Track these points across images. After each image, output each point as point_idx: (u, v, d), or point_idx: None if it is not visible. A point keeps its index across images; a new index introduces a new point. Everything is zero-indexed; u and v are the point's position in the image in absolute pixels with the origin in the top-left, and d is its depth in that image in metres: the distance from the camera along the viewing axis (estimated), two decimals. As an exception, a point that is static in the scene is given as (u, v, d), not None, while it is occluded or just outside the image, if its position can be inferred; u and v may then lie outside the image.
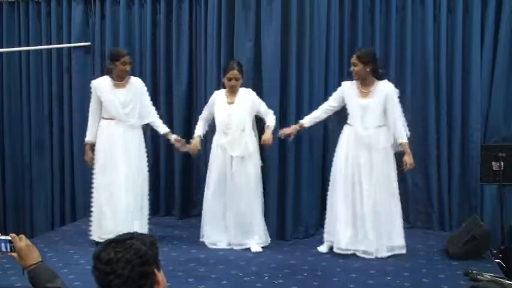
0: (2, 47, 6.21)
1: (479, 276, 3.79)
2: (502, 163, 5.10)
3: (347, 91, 4.55)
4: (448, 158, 5.25)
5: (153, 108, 4.98)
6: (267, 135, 4.63)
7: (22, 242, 2.06)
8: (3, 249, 2.10)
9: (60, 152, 6.14)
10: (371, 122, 4.43)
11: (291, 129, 4.68)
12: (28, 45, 6.14)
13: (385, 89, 4.46)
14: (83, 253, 4.50)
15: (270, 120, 4.70)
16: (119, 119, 4.73)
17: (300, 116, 5.02)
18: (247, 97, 4.71)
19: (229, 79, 4.65)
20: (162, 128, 4.97)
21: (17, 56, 6.23)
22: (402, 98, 5.25)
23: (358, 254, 4.40)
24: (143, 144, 4.91)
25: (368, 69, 4.41)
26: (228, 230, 4.70)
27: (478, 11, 5.14)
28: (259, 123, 4.83)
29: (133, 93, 4.80)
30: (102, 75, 5.89)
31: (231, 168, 4.64)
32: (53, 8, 6.03)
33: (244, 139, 4.64)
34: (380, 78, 4.51)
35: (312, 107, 5.06)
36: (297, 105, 5.03)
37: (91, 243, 4.74)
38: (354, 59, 4.46)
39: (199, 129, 4.87)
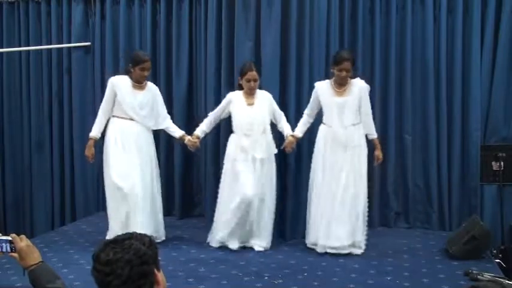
0: (2, 47, 6.21)
1: (479, 276, 3.79)
2: (502, 163, 5.10)
3: (321, 91, 4.60)
4: (448, 158, 5.25)
5: (168, 115, 4.99)
6: (293, 141, 4.65)
7: (23, 242, 2.06)
8: (4, 249, 2.10)
9: (60, 152, 6.14)
10: (348, 120, 4.49)
11: (291, 143, 4.67)
12: (28, 45, 6.14)
13: (359, 87, 4.54)
14: (83, 253, 4.50)
15: (288, 128, 4.72)
16: (136, 120, 4.70)
17: (299, 116, 5.02)
18: (265, 99, 4.72)
19: (248, 80, 4.62)
20: (178, 132, 4.95)
21: (17, 56, 6.23)
22: (402, 98, 5.29)
23: (329, 250, 4.47)
24: (154, 149, 4.93)
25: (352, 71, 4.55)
26: (243, 231, 4.65)
27: (478, 11, 5.14)
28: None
29: (151, 98, 4.80)
30: (102, 75, 5.92)
31: (253, 170, 4.58)
32: (53, 8, 6.03)
33: (265, 140, 4.64)
34: (352, 77, 4.59)
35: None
36: (296, 105, 5.03)
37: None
38: (349, 66, 4.46)
39: (202, 129, 4.85)
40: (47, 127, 6.17)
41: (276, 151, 4.73)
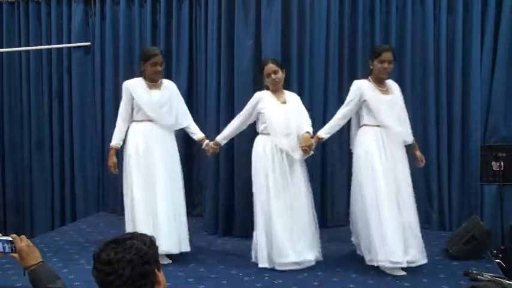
0: (2, 47, 6.21)
1: (479, 276, 3.79)
2: (502, 163, 5.09)
3: (365, 89, 4.19)
4: (448, 158, 5.25)
5: (189, 112, 4.69)
6: (308, 139, 4.23)
7: (23, 242, 2.07)
8: (5, 249, 2.10)
9: (60, 151, 6.14)
10: (400, 118, 4.22)
11: (307, 140, 4.23)
12: (28, 45, 6.14)
13: (397, 88, 4.33)
14: (83, 253, 4.50)
15: (307, 125, 4.33)
16: (157, 119, 4.35)
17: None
18: (295, 98, 4.44)
19: (268, 75, 4.27)
20: (198, 135, 4.64)
21: (17, 56, 6.23)
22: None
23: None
24: (177, 152, 4.60)
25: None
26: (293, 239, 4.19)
27: (478, 11, 5.14)
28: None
29: (169, 96, 4.47)
30: (102, 75, 5.92)
31: (290, 172, 4.22)
32: (53, 8, 6.03)
33: (298, 140, 4.25)
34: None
35: (312, 107, 5.07)
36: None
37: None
38: (391, 56, 4.16)
39: (224, 135, 4.51)
40: (47, 127, 6.17)
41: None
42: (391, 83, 4.34)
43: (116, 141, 4.38)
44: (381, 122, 4.14)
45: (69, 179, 6.12)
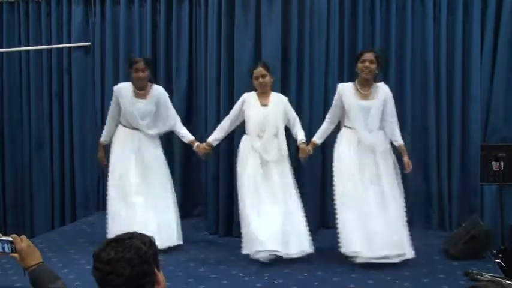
0: (2, 47, 6.21)
1: (479, 276, 3.80)
2: (502, 163, 5.09)
3: (345, 93, 4.40)
4: (448, 158, 5.25)
5: (178, 117, 4.91)
6: (305, 149, 4.46)
7: (23, 242, 2.07)
8: (5, 250, 2.10)
9: (60, 152, 6.15)
10: (374, 124, 4.34)
11: (304, 152, 4.47)
12: (28, 46, 6.15)
13: (384, 91, 4.41)
14: (83, 253, 4.50)
15: (301, 134, 4.53)
16: (138, 128, 4.70)
17: (299, 116, 5.01)
18: (280, 101, 4.60)
19: (256, 78, 4.52)
20: (187, 137, 4.87)
21: (17, 56, 6.24)
22: (402, 98, 5.28)
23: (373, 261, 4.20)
24: (162, 155, 4.85)
25: (377, 71, 4.38)
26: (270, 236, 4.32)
27: (478, 11, 5.15)
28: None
29: (155, 104, 4.73)
30: (101, 75, 5.92)
31: (266, 172, 4.45)
32: (53, 8, 6.04)
33: (277, 142, 4.48)
34: (377, 80, 4.48)
35: (312, 107, 5.08)
36: (297, 105, 5.02)
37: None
38: (372, 57, 4.32)
39: (215, 137, 4.70)
40: (47, 127, 6.18)
41: (287, 152, 4.54)
42: (379, 87, 4.40)
43: (104, 138, 4.84)
44: (352, 126, 4.36)
45: (69, 179, 6.12)
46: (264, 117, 4.49)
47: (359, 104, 4.34)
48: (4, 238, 2.10)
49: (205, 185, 5.53)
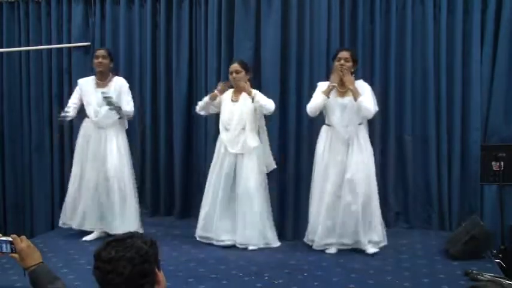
0: (2, 47, 6.20)
1: (479, 276, 3.79)
2: (502, 163, 5.09)
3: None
4: (448, 158, 5.25)
5: (131, 104, 5.02)
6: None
7: (23, 243, 2.06)
8: (4, 250, 2.10)
9: (60, 152, 6.13)
10: (350, 120, 4.48)
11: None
12: (28, 46, 6.14)
13: (360, 86, 4.51)
14: (83, 253, 4.50)
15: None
16: (95, 119, 4.90)
17: (300, 116, 5.03)
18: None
19: (231, 73, 4.70)
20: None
21: (17, 56, 6.23)
22: (402, 99, 5.29)
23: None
24: (123, 145, 5.01)
25: (353, 69, 4.53)
26: (228, 227, 4.73)
27: (478, 11, 5.14)
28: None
29: (113, 92, 4.90)
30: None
31: (230, 163, 4.68)
32: (53, 8, 6.03)
33: (243, 137, 4.64)
34: (356, 78, 4.59)
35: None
36: (296, 105, 5.04)
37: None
38: (347, 55, 4.50)
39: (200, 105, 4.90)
40: (46, 127, 6.17)
41: (253, 146, 4.67)
42: (358, 84, 4.49)
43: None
44: (330, 123, 4.56)
45: (69, 179, 6.10)
46: (231, 111, 4.69)
47: (336, 101, 4.52)
48: (4, 238, 2.10)
49: (204, 186, 5.51)
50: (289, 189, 5.06)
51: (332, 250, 4.53)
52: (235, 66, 4.70)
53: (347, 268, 4.18)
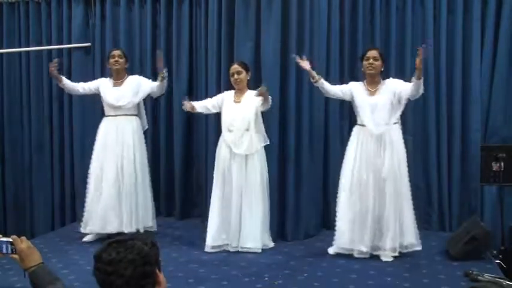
0: (2, 48, 6.20)
1: (479, 277, 3.79)
2: (502, 164, 5.09)
3: (356, 90, 4.56)
4: (448, 158, 5.25)
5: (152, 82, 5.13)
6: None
7: (23, 243, 2.06)
8: (5, 251, 2.10)
9: (60, 152, 6.14)
10: (381, 119, 4.43)
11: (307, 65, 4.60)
12: (28, 46, 6.14)
13: (390, 84, 4.50)
14: (83, 253, 4.50)
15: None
16: (114, 111, 4.99)
17: (299, 116, 5.02)
18: (254, 98, 4.70)
19: (232, 74, 4.72)
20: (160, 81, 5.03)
21: (17, 57, 6.23)
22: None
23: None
24: (142, 139, 5.12)
25: (382, 68, 4.50)
26: (224, 232, 4.68)
27: (478, 11, 5.14)
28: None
29: (130, 89, 5.02)
30: (102, 75, 5.91)
31: (234, 165, 4.63)
32: (53, 9, 6.03)
33: (248, 138, 4.62)
34: (385, 78, 4.58)
35: (312, 107, 5.08)
36: (296, 105, 5.03)
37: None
38: (376, 54, 4.46)
39: (200, 104, 4.88)
40: (47, 127, 6.17)
41: (259, 147, 4.66)
42: (386, 83, 4.50)
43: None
44: (361, 122, 4.51)
45: (69, 179, 6.11)
46: (234, 112, 4.68)
47: (367, 100, 4.49)
48: (4, 239, 2.10)
49: (205, 186, 5.53)
50: (289, 189, 5.05)
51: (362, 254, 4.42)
52: (235, 67, 4.72)
53: (347, 269, 4.17)
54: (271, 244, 4.78)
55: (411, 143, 5.26)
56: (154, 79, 5.79)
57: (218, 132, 5.20)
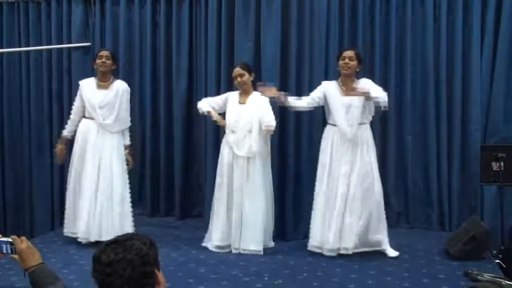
0: (2, 47, 6.20)
1: (479, 277, 3.79)
2: (502, 163, 5.08)
3: (328, 90, 4.57)
4: (448, 158, 5.25)
5: (129, 117, 5.01)
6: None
7: (23, 244, 2.06)
8: (5, 251, 2.09)
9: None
10: (355, 120, 4.46)
11: (274, 92, 4.53)
12: (28, 46, 6.14)
13: (363, 84, 4.50)
14: (82, 254, 4.50)
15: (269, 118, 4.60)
16: (96, 118, 4.82)
17: (299, 116, 5.02)
18: (258, 100, 4.67)
19: (235, 77, 4.71)
20: (126, 140, 5.00)
21: (17, 57, 6.23)
22: (402, 99, 5.29)
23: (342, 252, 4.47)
24: (120, 149, 4.91)
25: (357, 69, 4.53)
26: (231, 232, 4.64)
27: (478, 11, 5.15)
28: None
29: (114, 96, 4.88)
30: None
31: (236, 166, 4.62)
32: (53, 9, 6.03)
33: (250, 140, 4.60)
34: (359, 77, 4.59)
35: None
36: (296, 105, 5.03)
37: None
38: (351, 54, 4.48)
39: (207, 106, 4.79)
40: (47, 127, 6.17)
41: (260, 150, 4.61)
42: (359, 83, 4.51)
43: (66, 132, 5.02)
44: (334, 123, 4.53)
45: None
46: (238, 114, 4.67)
47: (341, 100, 4.51)
48: (4, 239, 2.10)
49: (204, 186, 5.53)
50: (289, 189, 5.05)
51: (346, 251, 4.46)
52: (237, 70, 4.70)
53: (347, 268, 4.18)
54: (271, 244, 4.77)
55: (410, 143, 5.28)
56: (154, 79, 5.83)
57: (218, 132, 5.22)
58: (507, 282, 3.56)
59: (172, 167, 5.82)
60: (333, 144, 4.53)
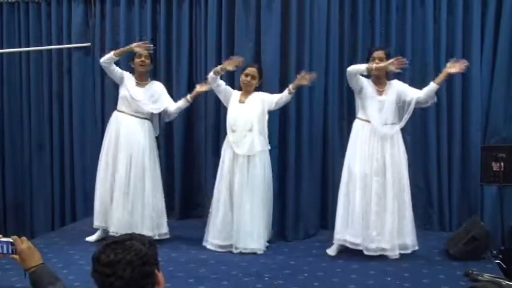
0: (2, 48, 6.21)
1: (479, 277, 3.79)
2: (502, 164, 5.09)
3: (366, 84, 4.48)
4: (448, 158, 5.25)
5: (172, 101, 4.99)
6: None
7: (24, 244, 2.06)
8: (5, 251, 2.10)
9: (60, 152, 6.14)
10: (387, 119, 4.43)
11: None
12: (28, 46, 6.15)
13: (396, 85, 4.50)
14: (83, 254, 4.50)
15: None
16: (129, 110, 4.82)
17: (299, 116, 5.02)
18: (258, 98, 4.71)
19: (246, 75, 4.69)
20: (184, 100, 4.93)
21: (17, 57, 6.23)
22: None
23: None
24: (152, 142, 4.93)
25: (387, 69, 4.43)
26: (232, 231, 4.64)
27: (478, 11, 5.15)
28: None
29: (151, 94, 4.89)
30: (102, 75, 5.93)
31: (236, 166, 4.62)
32: (53, 9, 6.04)
33: (250, 139, 4.61)
34: (389, 78, 4.56)
35: (312, 107, 5.08)
36: (296, 105, 5.03)
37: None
38: (381, 54, 4.44)
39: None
40: (47, 127, 6.17)
41: (260, 149, 4.63)
42: (392, 84, 4.50)
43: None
44: (367, 117, 4.47)
45: (69, 179, 6.12)
46: (238, 112, 4.67)
47: (376, 98, 4.46)
48: (4, 239, 2.10)
49: (205, 185, 5.53)
50: (289, 189, 5.05)
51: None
52: (253, 70, 4.69)
53: (347, 269, 4.18)
54: (266, 244, 4.72)
55: (410, 143, 5.27)
56: (154, 79, 5.81)
57: (218, 132, 5.22)
58: (507, 282, 3.56)
59: (172, 167, 5.81)
60: (362, 140, 4.44)
